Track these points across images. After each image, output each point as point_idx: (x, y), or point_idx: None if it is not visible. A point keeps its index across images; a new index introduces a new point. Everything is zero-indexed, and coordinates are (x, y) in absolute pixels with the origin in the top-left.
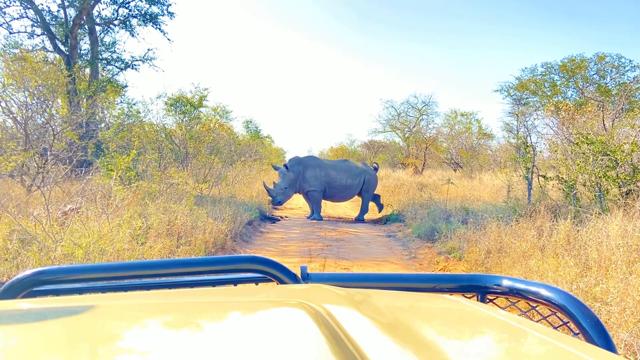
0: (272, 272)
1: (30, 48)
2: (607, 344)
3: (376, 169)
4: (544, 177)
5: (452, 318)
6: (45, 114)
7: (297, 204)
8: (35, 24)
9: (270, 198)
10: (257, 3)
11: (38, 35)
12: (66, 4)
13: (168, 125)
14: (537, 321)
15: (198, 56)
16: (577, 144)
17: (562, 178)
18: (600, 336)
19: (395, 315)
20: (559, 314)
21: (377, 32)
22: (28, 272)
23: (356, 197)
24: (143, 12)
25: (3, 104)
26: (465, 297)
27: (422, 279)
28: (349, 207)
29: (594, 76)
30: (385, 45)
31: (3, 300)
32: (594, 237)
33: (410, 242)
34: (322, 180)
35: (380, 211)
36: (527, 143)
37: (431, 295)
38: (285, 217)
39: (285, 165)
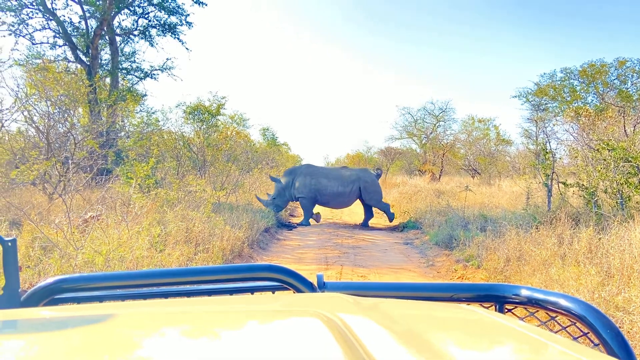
0: (288, 280)
1: (52, 58)
2: (628, 356)
3: (379, 175)
4: (564, 183)
5: (469, 328)
6: (67, 123)
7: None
8: (58, 35)
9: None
10: (274, 11)
11: (60, 46)
12: (87, 15)
13: (186, 133)
14: (556, 332)
15: (215, 64)
16: (597, 150)
17: (583, 185)
18: (620, 347)
19: (411, 325)
20: (579, 325)
21: (392, 38)
22: (50, 280)
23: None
24: (162, 22)
25: (26, 114)
26: (483, 306)
27: (439, 289)
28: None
29: (615, 81)
30: (401, 51)
31: (26, 309)
32: (616, 245)
33: (428, 249)
34: (311, 188)
35: (363, 224)
36: (547, 149)
37: (448, 305)
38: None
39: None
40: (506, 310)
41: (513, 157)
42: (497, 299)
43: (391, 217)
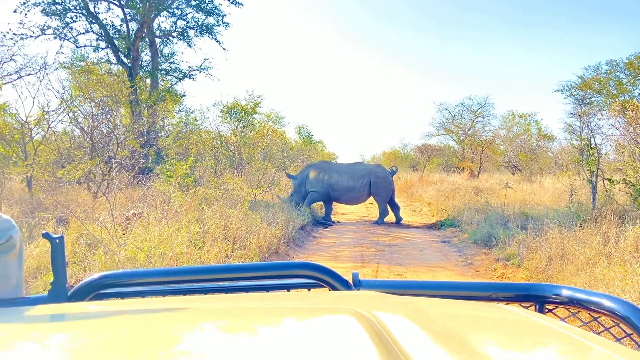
0: (324, 278)
1: (95, 61)
2: None
3: (393, 172)
4: (609, 180)
5: (508, 328)
6: (110, 123)
7: (350, 209)
8: (100, 38)
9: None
10: (309, 9)
11: (102, 49)
12: (128, 18)
13: (223, 132)
14: (599, 333)
15: (252, 63)
16: None
17: (630, 181)
18: None
19: (448, 324)
20: (623, 325)
21: (428, 35)
22: (95, 276)
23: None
24: (200, 23)
25: (71, 115)
26: (522, 306)
27: (477, 287)
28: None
29: None
30: (437, 49)
31: (72, 303)
32: None
33: (466, 248)
34: (323, 183)
35: (397, 222)
36: (591, 145)
37: (486, 305)
38: (337, 222)
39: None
40: (546, 311)
41: (555, 153)
42: (537, 298)
43: (380, 220)
